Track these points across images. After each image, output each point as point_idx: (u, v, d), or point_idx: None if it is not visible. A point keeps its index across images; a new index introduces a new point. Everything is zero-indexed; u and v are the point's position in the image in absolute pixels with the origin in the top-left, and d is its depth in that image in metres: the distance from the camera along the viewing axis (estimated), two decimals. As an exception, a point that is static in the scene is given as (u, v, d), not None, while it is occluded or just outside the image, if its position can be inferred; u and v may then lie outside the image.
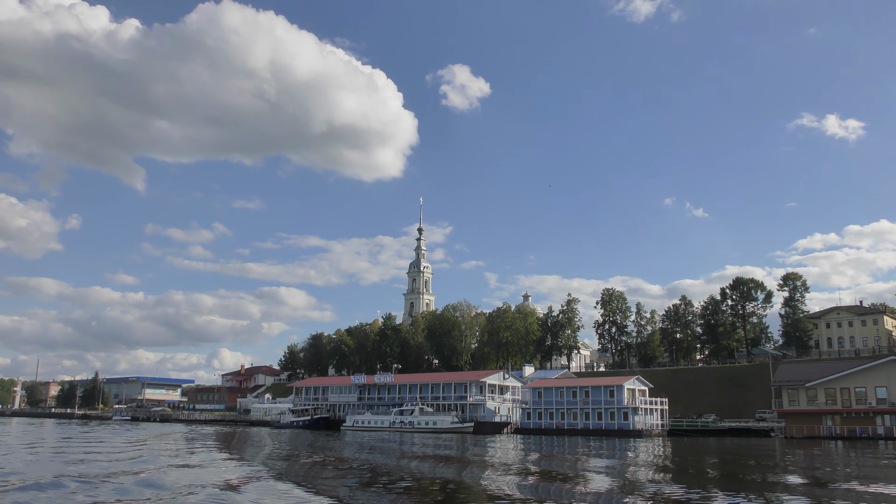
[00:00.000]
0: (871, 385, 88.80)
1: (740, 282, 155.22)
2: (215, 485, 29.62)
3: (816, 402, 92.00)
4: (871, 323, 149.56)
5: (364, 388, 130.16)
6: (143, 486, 28.55)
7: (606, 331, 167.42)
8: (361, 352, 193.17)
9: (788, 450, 66.65)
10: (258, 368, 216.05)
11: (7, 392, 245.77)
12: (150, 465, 40.36)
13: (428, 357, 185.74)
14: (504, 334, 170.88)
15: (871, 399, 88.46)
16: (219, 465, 41.95)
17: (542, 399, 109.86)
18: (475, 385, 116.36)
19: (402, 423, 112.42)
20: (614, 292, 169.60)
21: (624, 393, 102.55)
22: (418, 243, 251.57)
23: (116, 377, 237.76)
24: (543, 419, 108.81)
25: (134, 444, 64.32)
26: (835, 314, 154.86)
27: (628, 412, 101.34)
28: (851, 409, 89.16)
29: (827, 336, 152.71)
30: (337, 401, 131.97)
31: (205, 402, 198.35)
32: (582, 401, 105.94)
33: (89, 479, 30.76)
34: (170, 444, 66.03)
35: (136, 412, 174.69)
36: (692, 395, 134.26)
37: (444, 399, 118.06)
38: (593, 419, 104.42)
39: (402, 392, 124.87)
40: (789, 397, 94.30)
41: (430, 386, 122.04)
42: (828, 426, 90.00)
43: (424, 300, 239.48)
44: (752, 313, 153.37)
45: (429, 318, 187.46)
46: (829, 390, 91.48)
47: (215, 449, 60.49)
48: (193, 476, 34.40)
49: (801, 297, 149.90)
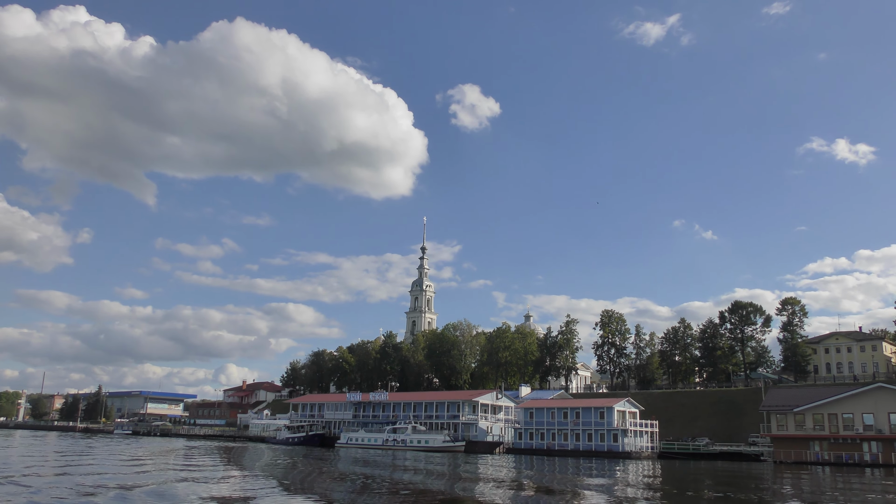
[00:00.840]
0: (859, 411, 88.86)
1: (739, 305, 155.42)
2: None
3: (804, 427, 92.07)
4: (869, 349, 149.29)
5: (359, 406, 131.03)
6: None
7: (605, 352, 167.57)
8: (363, 369, 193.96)
9: (776, 475, 67.00)
10: (259, 384, 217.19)
11: (11, 405, 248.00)
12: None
13: (428, 376, 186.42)
14: (503, 354, 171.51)
15: (858, 425, 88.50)
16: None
17: (534, 419, 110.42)
18: (468, 404, 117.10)
19: (395, 441, 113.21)
20: (613, 314, 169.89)
21: (614, 415, 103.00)
22: (421, 262, 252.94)
23: (119, 391, 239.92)
24: (535, 439, 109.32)
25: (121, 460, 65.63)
26: (834, 339, 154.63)
27: (618, 434, 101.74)
28: (839, 435, 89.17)
29: (826, 361, 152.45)
30: (332, 418, 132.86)
31: (206, 417, 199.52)
32: (573, 422, 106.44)
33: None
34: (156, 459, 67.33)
35: (137, 426, 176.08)
36: (688, 418, 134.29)
37: (438, 418, 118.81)
38: (584, 440, 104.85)
39: (396, 410, 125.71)
40: (778, 422, 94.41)
41: (423, 405, 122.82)
42: (815, 451, 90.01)
43: (426, 319, 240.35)
44: (751, 337, 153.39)
45: (429, 337, 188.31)
46: (816, 416, 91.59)
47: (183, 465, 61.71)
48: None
49: (800, 321, 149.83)
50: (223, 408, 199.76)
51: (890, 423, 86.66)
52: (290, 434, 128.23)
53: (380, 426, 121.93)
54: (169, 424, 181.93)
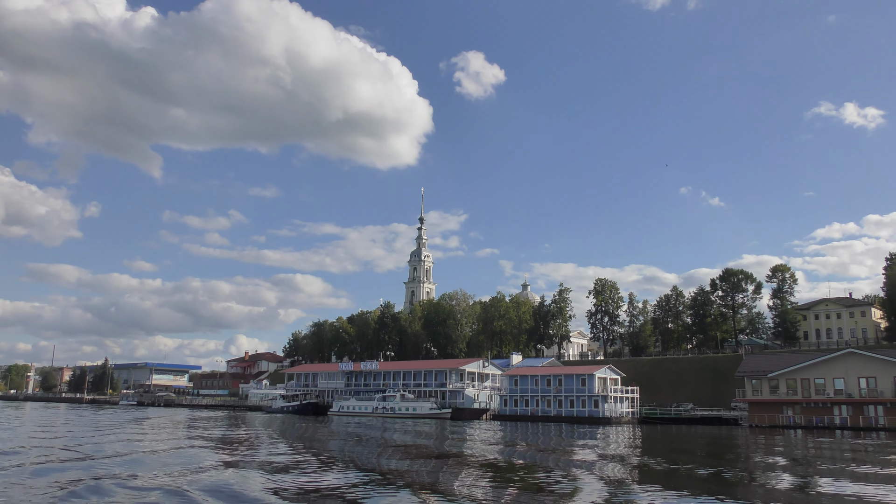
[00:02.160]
0: (830, 376, 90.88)
1: (730, 273, 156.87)
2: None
3: (778, 392, 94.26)
4: (858, 315, 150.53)
5: (351, 375, 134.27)
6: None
7: (599, 320, 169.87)
8: (363, 339, 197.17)
9: (749, 438, 69.17)
10: (262, 355, 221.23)
11: (21, 377, 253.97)
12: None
13: (426, 345, 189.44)
14: (497, 323, 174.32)
15: (829, 390, 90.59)
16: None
17: (519, 387, 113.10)
18: (455, 373, 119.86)
19: (385, 409, 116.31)
20: (607, 282, 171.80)
21: (595, 382, 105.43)
22: (419, 233, 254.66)
23: (125, 363, 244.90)
24: (520, 406, 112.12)
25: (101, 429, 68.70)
26: (824, 306, 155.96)
27: (598, 400, 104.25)
28: (811, 400, 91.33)
29: (815, 327, 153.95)
30: (326, 387, 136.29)
31: (209, 387, 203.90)
32: (555, 389, 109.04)
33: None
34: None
35: (142, 397, 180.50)
36: (675, 384, 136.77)
37: (426, 386, 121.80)
38: (566, 406, 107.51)
39: (386, 379, 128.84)
40: (753, 387, 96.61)
41: (412, 373, 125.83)
42: (788, 415, 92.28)
43: (425, 288, 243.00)
44: (742, 304, 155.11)
45: (426, 307, 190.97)
46: (790, 381, 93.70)
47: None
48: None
49: (790, 288, 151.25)
50: (226, 378, 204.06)
51: (859, 387, 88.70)
52: (284, 403, 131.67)
53: (370, 395, 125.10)
54: (173, 395, 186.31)
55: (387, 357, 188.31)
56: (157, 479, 25.96)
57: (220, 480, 26.88)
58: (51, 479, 25.55)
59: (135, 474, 27.21)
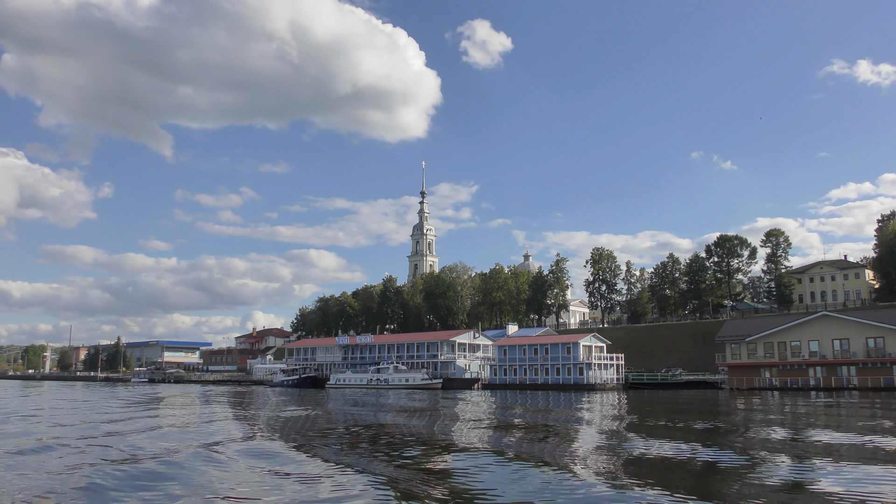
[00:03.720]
0: (805, 339, 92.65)
1: (725, 238, 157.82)
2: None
3: (756, 355, 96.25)
4: (853, 277, 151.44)
5: (348, 349, 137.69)
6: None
7: (596, 289, 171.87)
8: (367, 313, 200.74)
9: (726, 400, 71.48)
10: (270, 331, 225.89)
11: (38, 357, 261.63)
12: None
13: (429, 317, 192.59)
14: (496, 294, 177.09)
15: (804, 352, 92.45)
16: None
17: (507, 356, 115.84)
18: (446, 344, 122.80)
19: (378, 381, 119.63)
20: (604, 251, 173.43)
21: (580, 350, 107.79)
22: (421, 206, 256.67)
23: (138, 341, 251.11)
24: (508, 375, 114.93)
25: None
26: (818, 269, 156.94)
27: (583, 367, 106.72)
28: (787, 362, 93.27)
29: (810, 290, 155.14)
30: (324, 360, 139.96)
31: (219, 363, 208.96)
32: (542, 357, 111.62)
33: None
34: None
35: (153, 374, 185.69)
36: (667, 349, 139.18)
37: (419, 357, 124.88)
38: (552, 374, 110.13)
39: (381, 352, 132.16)
40: (732, 352, 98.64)
41: (405, 346, 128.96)
42: (766, 378, 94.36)
43: (428, 262, 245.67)
44: (738, 269, 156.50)
45: (427, 280, 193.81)
46: (767, 344, 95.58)
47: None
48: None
49: (784, 253, 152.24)
50: (234, 354, 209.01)
51: (833, 349, 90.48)
52: (284, 377, 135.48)
53: (365, 367, 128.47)
54: (182, 372, 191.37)
55: (392, 330, 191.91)
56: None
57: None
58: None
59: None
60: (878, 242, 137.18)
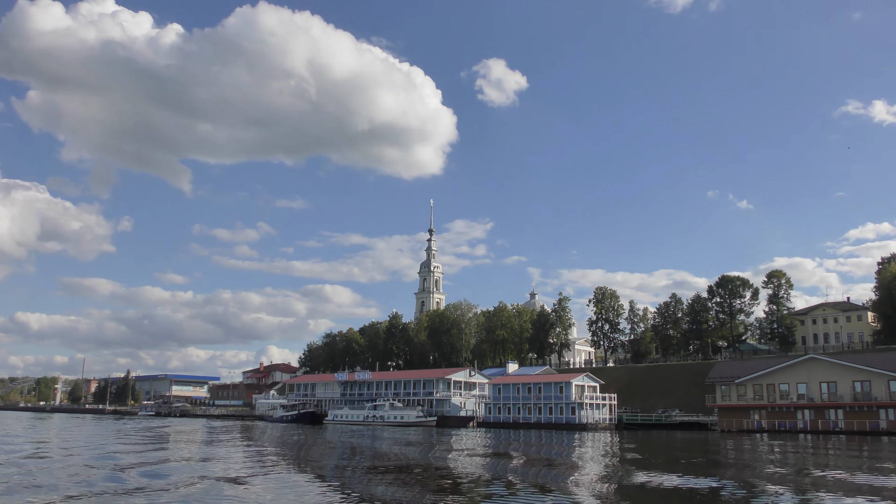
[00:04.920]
0: (794, 382, 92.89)
1: (727, 279, 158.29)
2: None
3: (745, 397, 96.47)
4: (855, 319, 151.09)
5: (346, 385, 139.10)
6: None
7: (599, 328, 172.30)
8: (373, 350, 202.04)
9: (714, 442, 72.07)
10: (276, 366, 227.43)
11: (49, 389, 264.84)
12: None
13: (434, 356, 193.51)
14: (499, 332, 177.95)
15: (793, 395, 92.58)
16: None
17: (502, 395, 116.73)
18: (442, 382, 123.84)
19: (374, 417, 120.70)
20: (607, 291, 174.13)
21: (572, 389, 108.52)
22: (428, 244, 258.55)
23: (148, 375, 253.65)
24: (503, 414, 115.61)
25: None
26: (821, 311, 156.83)
27: (575, 407, 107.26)
28: (776, 404, 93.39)
29: (813, 332, 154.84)
30: (323, 396, 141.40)
31: (226, 398, 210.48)
32: (535, 396, 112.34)
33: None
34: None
35: (159, 408, 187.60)
36: (666, 390, 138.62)
37: (415, 395, 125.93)
38: (545, 413, 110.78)
39: (378, 388, 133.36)
40: (722, 393, 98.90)
41: (402, 382, 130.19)
42: (755, 420, 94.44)
43: (435, 299, 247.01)
44: (740, 310, 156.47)
45: (431, 317, 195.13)
46: (756, 386, 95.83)
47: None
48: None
49: (786, 294, 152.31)
50: (241, 389, 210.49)
51: (821, 392, 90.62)
52: (284, 412, 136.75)
53: (363, 404, 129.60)
54: (188, 406, 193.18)
55: (398, 367, 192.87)
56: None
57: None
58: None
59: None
60: (878, 285, 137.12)
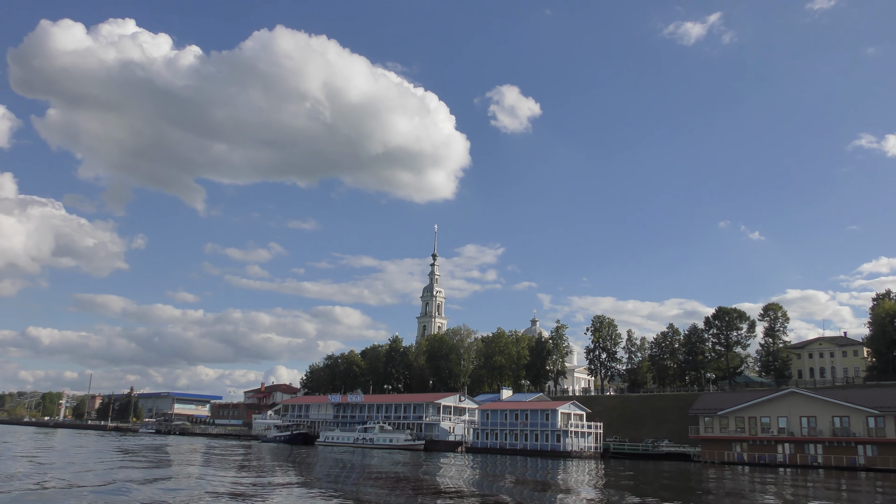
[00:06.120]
0: (775, 415, 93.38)
1: (724, 311, 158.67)
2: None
3: (728, 429, 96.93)
4: (851, 354, 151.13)
5: (339, 407, 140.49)
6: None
7: (596, 357, 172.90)
8: (374, 372, 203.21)
9: (690, 473, 72.88)
10: (277, 386, 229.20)
11: (54, 405, 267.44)
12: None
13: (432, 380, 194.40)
14: (497, 359, 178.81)
15: (773, 428, 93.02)
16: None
17: (490, 420, 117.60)
18: (431, 406, 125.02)
19: (364, 440, 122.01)
20: (605, 320, 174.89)
21: (558, 417, 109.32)
22: (432, 269, 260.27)
23: (150, 393, 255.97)
24: (490, 439, 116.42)
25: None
26: (817, 345, 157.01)
27: (560, 434, 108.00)
28: (757, 437, 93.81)
29: (809, 366, 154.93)
30: (316, 418, 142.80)
31: (226, 417, 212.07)
32: (521, 423, 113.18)
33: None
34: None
35: (160, 426, 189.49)
36: (658, 420, 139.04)
37: (405, 418, 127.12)
38: (531, 440, 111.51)
39: (370, 411, 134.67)
40: (705, 425, 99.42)
41: (393, 406, 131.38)
42: (737, 452, 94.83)
43: (436, 323, 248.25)
44: (737, 342, 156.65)
45: (430, 342, 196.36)
46: (738, 419, 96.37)
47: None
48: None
49: (783, 327, 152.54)
50: (241, 409, 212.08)
51: (801, 426, 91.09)
52: (277, 433, 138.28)
53: (355, 426, 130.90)
54: (188, 424, 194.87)
55: (398, 390, 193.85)
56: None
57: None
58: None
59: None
60: (872, 321, 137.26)
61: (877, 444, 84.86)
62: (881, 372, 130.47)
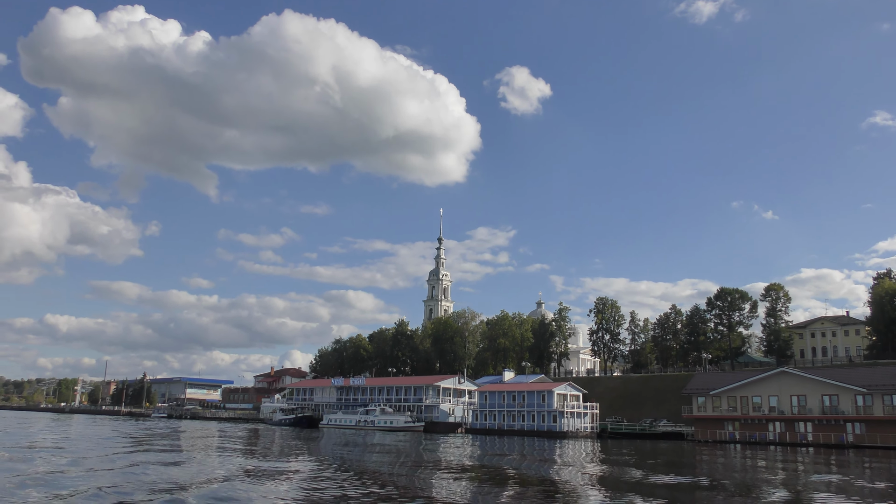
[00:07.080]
0: (766, 394, 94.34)
1: (725, 292, 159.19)
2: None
3: (720, 409, 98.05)
4: (853, 333, 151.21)
5: (342, 390, 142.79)
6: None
7: (600, 338, 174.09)
8: (381, 356, 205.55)
9: (683, 452, 74.17)
10: (287, 371, 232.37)
11: (69, 391, 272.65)
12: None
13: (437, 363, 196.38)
14: (501, 341, 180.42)
15: (764, 407, 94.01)
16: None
17: (488, 402, 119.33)
18: (431, 389, 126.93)
19: (365, 422, 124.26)
20: (608, 301, 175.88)
21: (554, 398, 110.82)
22: (438, 252, 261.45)
23: (163, 378, 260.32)
24: (489, 420, 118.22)
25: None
26: (819, 324, 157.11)
27: (556, 415, 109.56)
28: (748, 416, 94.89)
29: (812, 346, 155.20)
30: (320, 401, 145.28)
31: (236, 401, 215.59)
32: (519, 404, 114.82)
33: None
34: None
35: (172, 410, 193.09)
36: (658, 401, 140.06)
37: (405, 401, 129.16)
38: (528, 421, 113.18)
39: (372, 394, 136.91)
40: (698, 405, 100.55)
41: (394, 389, 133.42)
42: (729, 431, 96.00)
43: (443, 307, 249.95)
44: (739, 323, 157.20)
45: (436, 325, 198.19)
46: (730, 398, 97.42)
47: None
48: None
49: (784, 307, 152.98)
50: (251, 393, 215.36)
51: (791, 404, 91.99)
52: (283, 416, 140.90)
53: (357, 408, 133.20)
54: (199, 408, 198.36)
55: (405, 373, 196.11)
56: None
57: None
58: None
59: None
60: (872, 300, 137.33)
61: (865, 421, 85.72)
62: (881, 351, 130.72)
